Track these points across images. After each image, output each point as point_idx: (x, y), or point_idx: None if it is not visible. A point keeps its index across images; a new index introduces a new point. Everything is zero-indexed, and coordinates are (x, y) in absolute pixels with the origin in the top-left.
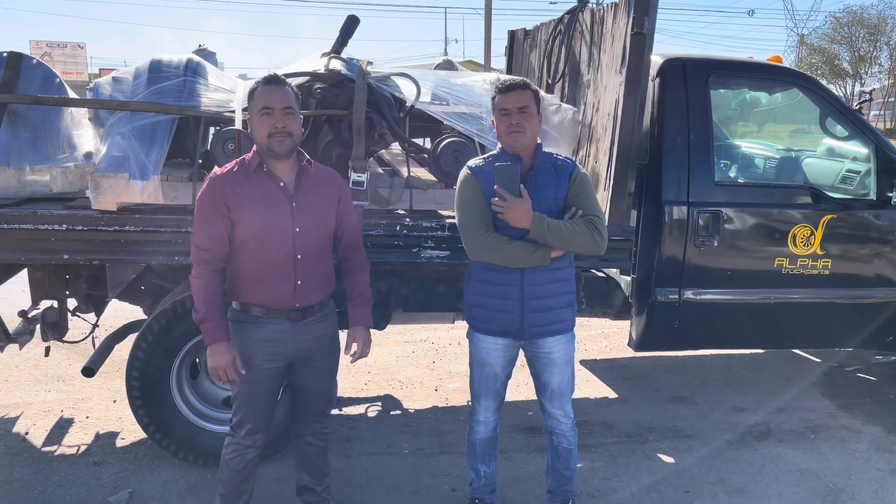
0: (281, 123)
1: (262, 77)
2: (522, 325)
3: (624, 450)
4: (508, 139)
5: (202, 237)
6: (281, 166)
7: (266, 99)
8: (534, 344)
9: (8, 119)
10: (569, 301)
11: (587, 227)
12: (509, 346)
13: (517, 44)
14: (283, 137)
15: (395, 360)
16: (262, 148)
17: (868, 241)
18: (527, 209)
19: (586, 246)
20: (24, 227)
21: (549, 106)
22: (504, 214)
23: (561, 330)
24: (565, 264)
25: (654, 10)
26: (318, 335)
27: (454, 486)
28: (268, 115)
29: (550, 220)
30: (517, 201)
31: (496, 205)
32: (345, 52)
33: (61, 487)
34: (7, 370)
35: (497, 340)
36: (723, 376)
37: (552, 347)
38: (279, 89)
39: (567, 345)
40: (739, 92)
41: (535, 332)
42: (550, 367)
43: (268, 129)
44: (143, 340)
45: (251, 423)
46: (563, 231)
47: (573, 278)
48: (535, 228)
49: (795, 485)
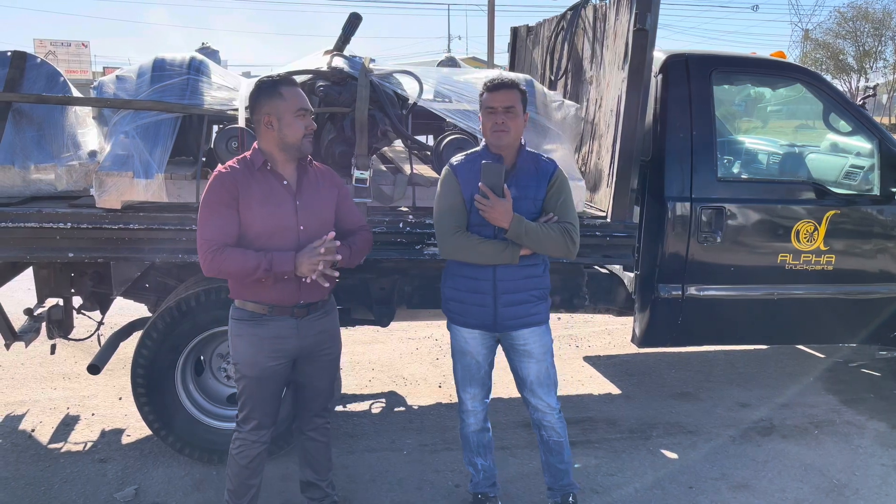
0: (311, 125)
1: (282, 76)
2: (496, 319)
3: (627, 446)
4: (492, 138)
5: (212, 230)
6: (285, 165)
7: (302, 101)
8: (509, 336)
9: (13, 118)
10: (541, 295)
11: (561, 233)
12: (486, 336)
13: (520, 40)
14: (311, 138)
15: (399, 357)
16: (289, 147)
17: (872, 237)
18: (508, 209)
19: (558, 251)
20: (30, 225)
21: (552, 102)
22: (485, 213)
23: (534, 322)
24: (538, 261)
25: (656, 7)
26: (321, 330)
27: (458, 482)
28: (303, 118)
29: (528, 223)
30: (499, 201)
31: (479, 201)
32: (347, 49)
33: (67, 484)
34: (13, 368)
35: (474, 331)
36: (726, 372)
37: (527, 339)
38: (301, 91)
39: (542, 336)
40: (742, 88)
41: (509, 325)
42: (527, 359)
43: (303, 130)
44: (147, 338)
45: (257, 419)
46: (540, 235)
47: (547, 274)
48: (513, 229)
49: (799, 480)
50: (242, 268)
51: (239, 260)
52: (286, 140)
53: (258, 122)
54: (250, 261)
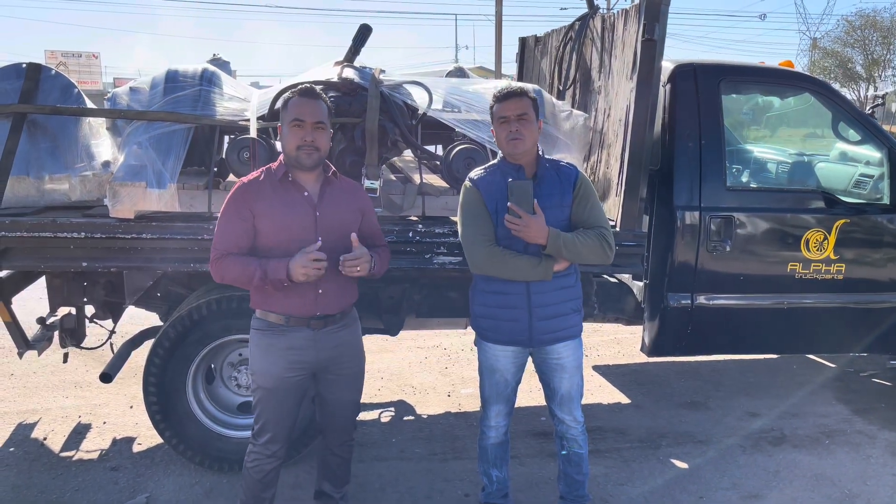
0: (310, 137)
1: (297, 87)
2: (531, 334)
3: (637, 455)
4: (508, 147)
5: (222, 239)
6: (306, 176)
7: (298, 111)
8: (543, 350)
9: (27, 129)
10: (576, 307)
11: (598, 239)
12: (519, 353)
13: (528, 50)
14: (311, 151)
15: (408, 366)
16: (289, 158)
17: (882, 246)
18: (542, 226)
19: (597, 258)
20: (44, 234)
21: (561, 112)
22: (520, 232)
23: (569, 335)
24: (571, 271)
25: (664, 17)
26: (340, 343)
27: (467, 492)
28: (298, 128)
29: (565, 236)
30: (533, 219)
31: (510, 222)
32: (357, 60)
33: (79, 492)
34: (26, 376)
35: (506, 348)
36: (736, 381)
37: (562, 353)
38: (313, 103)
39: (576, 350)
40: (751, 97)
41: (545, 340)
42: (560, 373)
43: (297, 141)
44: (159, 347)
45: (271, 432)
46: (578, 245)
47: (579, 284)
48: (551, 245)
49: (810, 490)
50: (241, 274)
51: (238, 268)
52: (284, 150)
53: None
54: (248, 268)
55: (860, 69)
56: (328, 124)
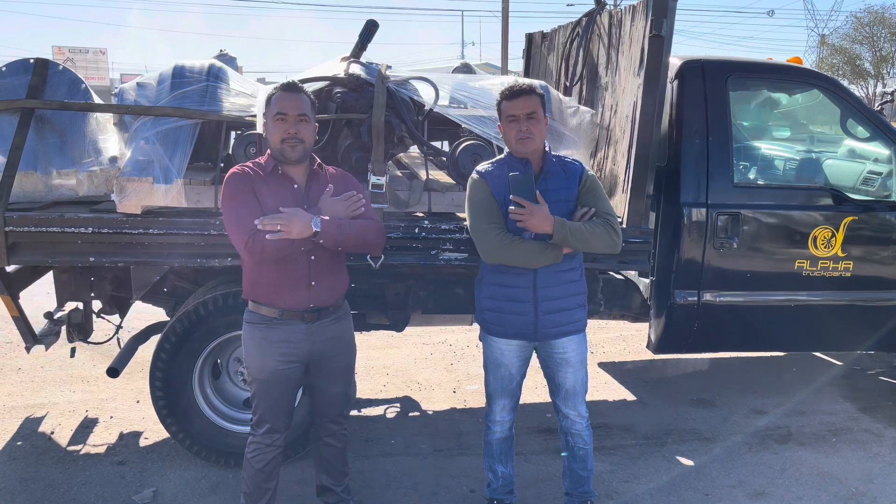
0: (294, 129)
1: (280, 83)
2: (536, 327)
3: (643, 452)
4: (518, 146)
5: (243, 219)
6: (294, 169)
7: (281, 105)
8: (548, 345)
9: (35, 124)
10: (581, 301)
11: (605, 227)
12: (524, 347)
13: (535, 46)
14: (295, 143)
15: (414, 362)
16: (275, 152)
17: (890, 243)
18: (547, 214)
19: (605, 246)
20: (51, 230)
21: (567, 108)
22: (525, 222)
23: (574, 330)
24: (576, 265)
25: (672, 13)
26: (333, 336)
27: (473, 487)
28: (282, 121)
29: (571, 224)
30: (537, 208)
31: (514, 213)
32: (364, 56)
33: (86, 486)
34: (33, 371)
35: (511, 342)
36: (742, 379)
37: (566, 347)
38: (295, 96)
39: (581, 345)
40: (759, 93)
41: (550, 333)
42: (565, 368)
43: (281, 134)
44: (166, 342)
45: (269, 423)
46: (584, 233)
47: (584, 279)
48: (557, 233)
49: (816, 488)
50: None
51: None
52: (270, 144)
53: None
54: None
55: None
56: (312, 117)
